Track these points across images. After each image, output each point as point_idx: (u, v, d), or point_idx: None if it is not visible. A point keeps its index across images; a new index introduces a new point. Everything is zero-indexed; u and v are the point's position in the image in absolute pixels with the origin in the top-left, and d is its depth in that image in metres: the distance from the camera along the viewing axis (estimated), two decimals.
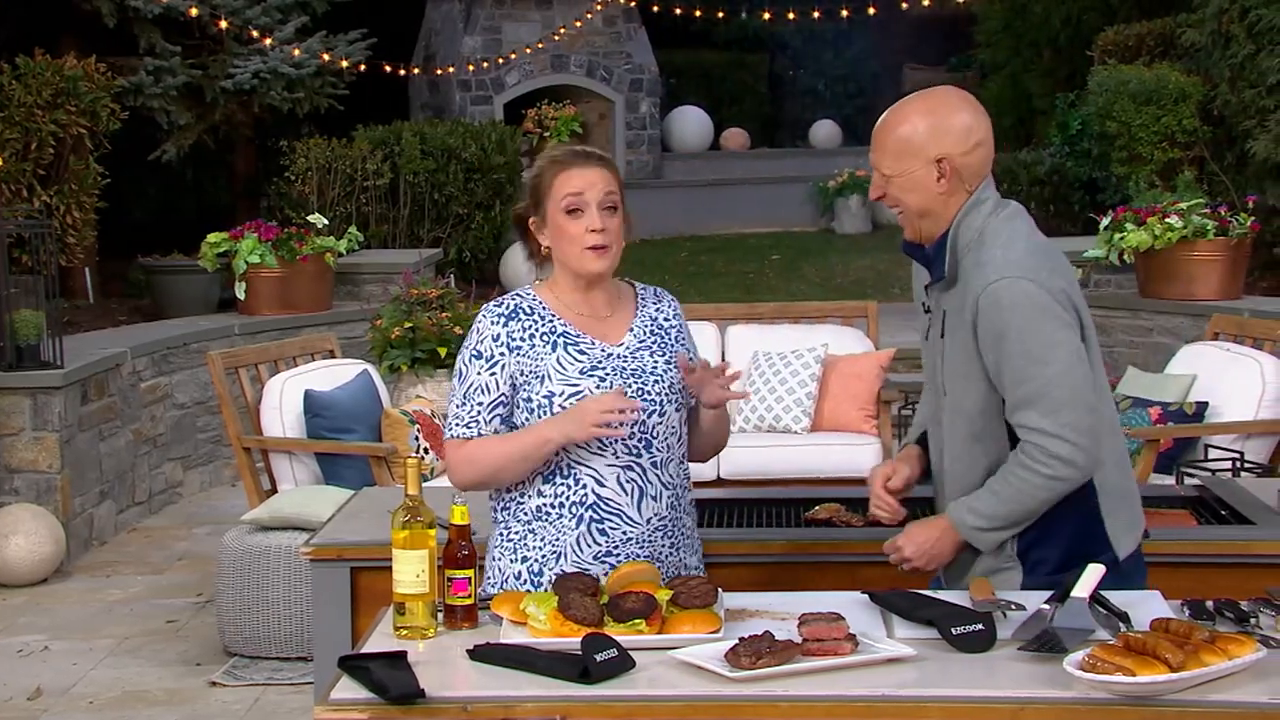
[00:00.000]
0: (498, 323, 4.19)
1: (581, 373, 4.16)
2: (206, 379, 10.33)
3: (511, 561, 4.22)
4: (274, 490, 8.03)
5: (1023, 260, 4.00)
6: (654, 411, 4.18)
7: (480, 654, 3.66)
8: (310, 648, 6.81)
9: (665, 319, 4.34)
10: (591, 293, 4.25)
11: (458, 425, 4.19)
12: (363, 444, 7.96)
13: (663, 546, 4.21)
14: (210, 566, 8.34)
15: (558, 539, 4.17)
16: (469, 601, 3.88)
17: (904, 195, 4.07)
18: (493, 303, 4.26)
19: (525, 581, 4.20)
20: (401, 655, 3.65)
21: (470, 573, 3.86)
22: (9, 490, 9.15)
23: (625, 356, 4.22)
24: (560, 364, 4.16)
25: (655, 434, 4.20)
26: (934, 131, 4.05)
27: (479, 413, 4.17)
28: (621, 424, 4.05)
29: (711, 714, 3.47)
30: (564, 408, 4.12)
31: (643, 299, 4.36)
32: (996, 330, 3.96)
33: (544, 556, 4.18)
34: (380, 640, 3.84)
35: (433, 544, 3.87)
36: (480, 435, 4.17)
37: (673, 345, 4.29)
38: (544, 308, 4.23)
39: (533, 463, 4.15)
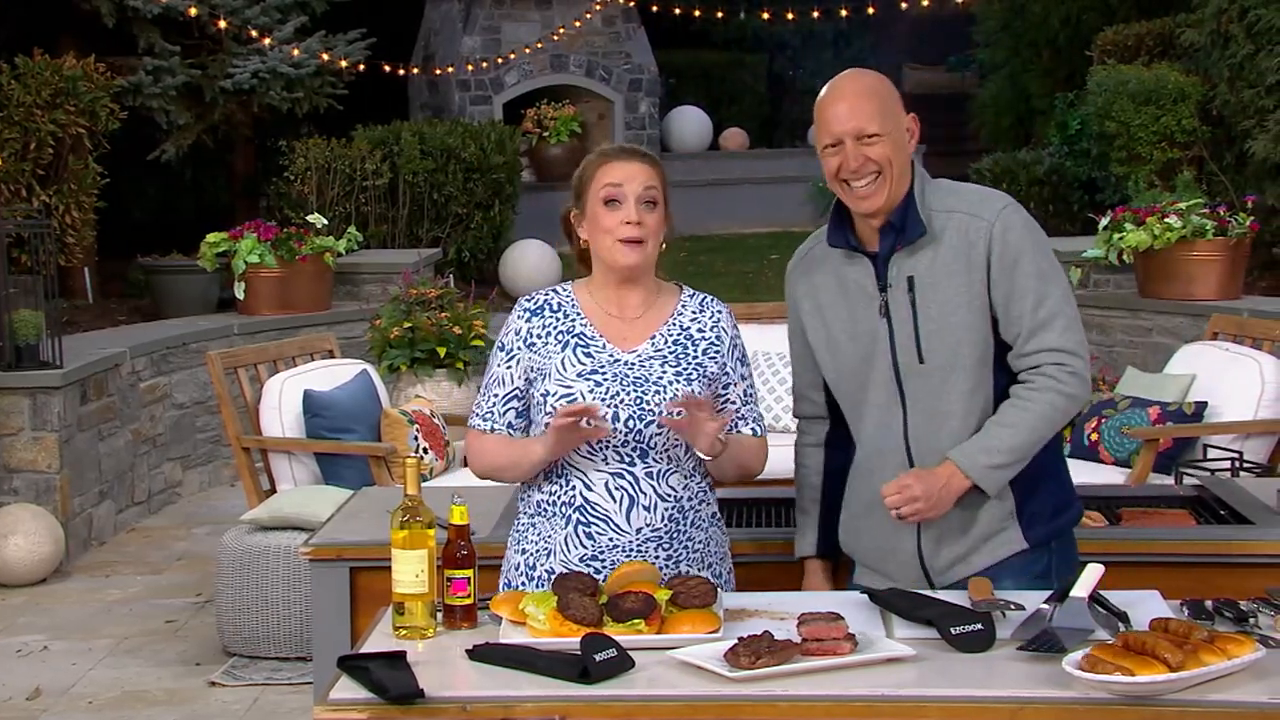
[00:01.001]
0: (523, 317, 4.27)
1: (579, 375, 4.17)
2: (206, 379, 10.34)
3: (515, 552, 4.32)
4: (273, 490, 8.04)
5: (1005, 194, 4.21)
6: (651, 422, 4.16)
7: (479, 654, 3.67)
8: (309, 648, 6.80)
9: (700, 329, 4.30)
10: (626, 290, 4.26)
11: (476, 415, 4.30)
12: (362, 444, 7.98)
13: (656, 558, 4.19)
14: (209, 566, 8.35)
15: (550, 536, 4.23)
16: (468, 601, 3.89)
17: (896, 154, 4.09)
18: (525, 297, 4.33)
19: (522, 573, 4.27)
20: (401, 655, 3.65)
21: (469, 573, 3.87)
22: (8, 490, 9.17)
23: (632, 363, 4.21)
24: (563, 364, 4.18)
25: (652, 444, 4.18)
26: (897, 95, 4.18)
27: (494, 404, 4.27)
28: (590, 424, 4.06)
29: (711, 714, 3.47)
30: (555, 408, 4.13)
31: (683, 306, 4.34)
32: (1012, 255, 4.05)
33: (537, 551, 4.25)
34: (379, 640, 3.85)
35: (432, 544, 3.88)
36: (494, 428, 4.26)
37: (695, 358, 4.25)
38: (573, 305, 4.27)
39: (524, 470, 4.24)
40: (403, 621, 3.87)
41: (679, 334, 4.27)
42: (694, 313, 4.32)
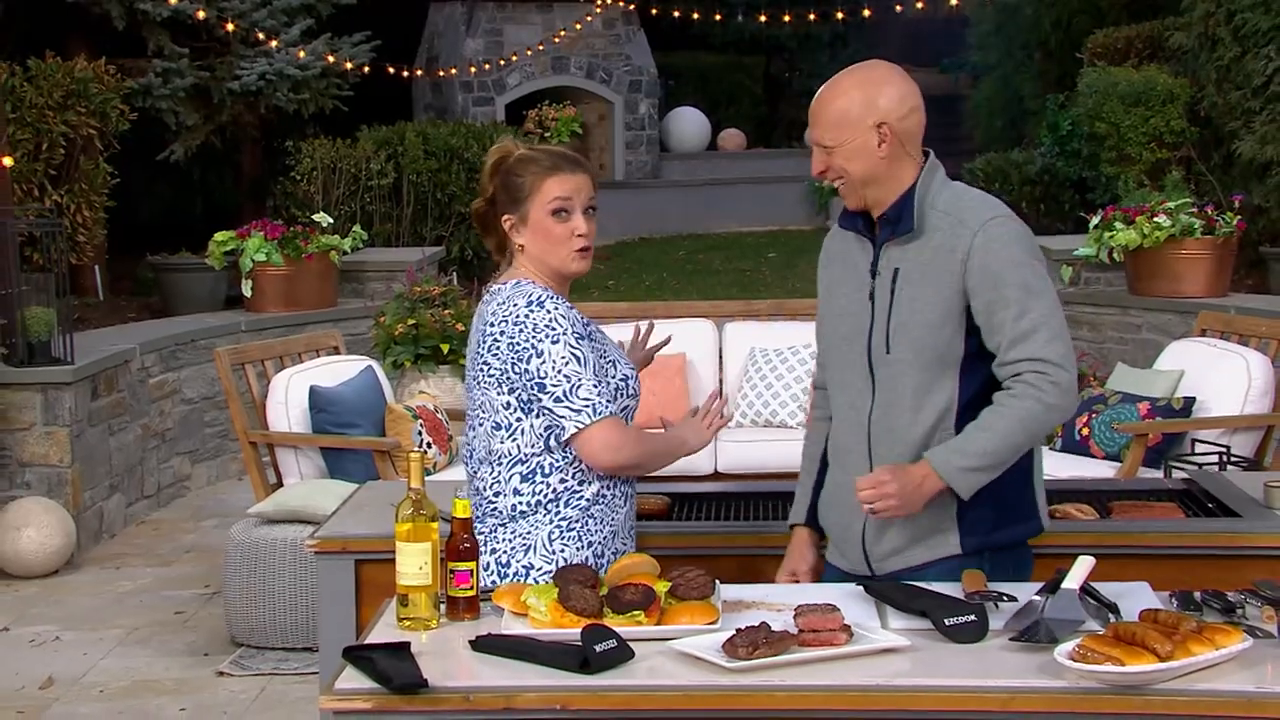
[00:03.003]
0: (570, 308, 4.20)
1: (622, 357, 4.33)
2: (214, 375, 10.38)
3: (578, 549, 4.21)
4: (280, 484, 8.07)
5: (1002, 206, 4.18)
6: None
7: (482, 645, 3.69)
8: (315, 638, 6.66)
9: None
10: (564, 287, 4.33)
11: (609, 404, 4.15)
12: (367, 439, 7.98)
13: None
14: (217, 559, 8.39)
15: (614, 518, 4.28)
16: (471, 593, 3.90)
17: (848, 164, 4.12)
18: (539, 293, 4.19)
19: (592, 566, 4.18)
20: (405, 646, 3.67)
21: (472, 565, 3.88)
22: (21, 484, 9.21)
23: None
24: (615, 349, 4.32)
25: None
26: (871, 100, 4.12)
27: (610, 389, 4.20)
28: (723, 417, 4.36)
29: (709, 703, 3.49)
30: (636, 389, 4.32)
31: None
32: (995, 267, 4.04)
33: (604, 538, 4.25)
34: (384, 631, 3.87)
35: (435, 537, 3.89)
36: (618, 411, 4.18)
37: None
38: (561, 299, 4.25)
39: (671, 461, 4.36)
40: (407, 613, 3.87)
41: None
42: None
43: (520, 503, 4.23)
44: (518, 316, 4.15)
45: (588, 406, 4.11)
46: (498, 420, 4.22)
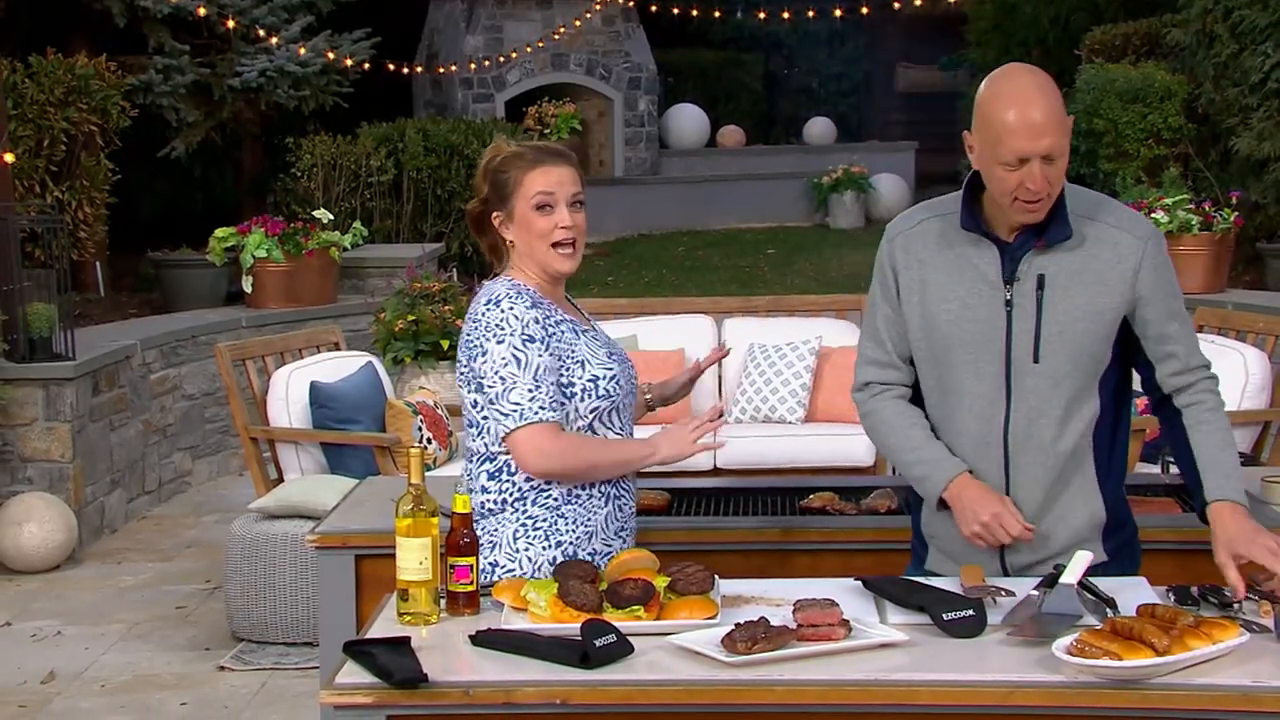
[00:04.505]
0: (530, 309, 4.14)
1: (609, 356, 4.27)
2: (214, 371, 10.41)
3: (545, 549, 4.19)
4: (280, 480, 8.09)
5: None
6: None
7: (482, 639, 3.69)
8: (316, 633, 6.63)
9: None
10: (557, 284, 4.33)
11: (541, 410, 4.10)
12: (367, 434, 8.00)
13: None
14: (218, 554, 8.39)
15: (589, 519, 4.22)
16: (471, 588, 3.90)
17: (1064, 167, 3.92)
18: (508, 290, 4.19)
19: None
20: (405, 641, 3.67)
21: (472, 560, 3.89)
22: (22, 479, 9.23)
23: (613, 340, 4.38)
24: (589, 348, 4.24)
25: (654, 410, 4.51)
26: (1059, 95, 3.92)
27: (551, 394, 4.12)
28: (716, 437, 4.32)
29: (708, 698, 3.50)
30: (608, 390, 4.21)
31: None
32: (1166, 277, 3.99)
33: (577, 538, 4.21)
34: (384, 626, 3.87)
35: (435, 532, 3.89)
36: (557, 417, 4.13)
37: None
38: (540, 297, 4.22)
39: (629, 470, 4.29)
40: (407, 608, 3.87)
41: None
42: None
43: (488, 500, 4.25)
44: (476, 314, 4.20)
45: (515, 411, 4.10)
46: (469, 418, 4.27)
